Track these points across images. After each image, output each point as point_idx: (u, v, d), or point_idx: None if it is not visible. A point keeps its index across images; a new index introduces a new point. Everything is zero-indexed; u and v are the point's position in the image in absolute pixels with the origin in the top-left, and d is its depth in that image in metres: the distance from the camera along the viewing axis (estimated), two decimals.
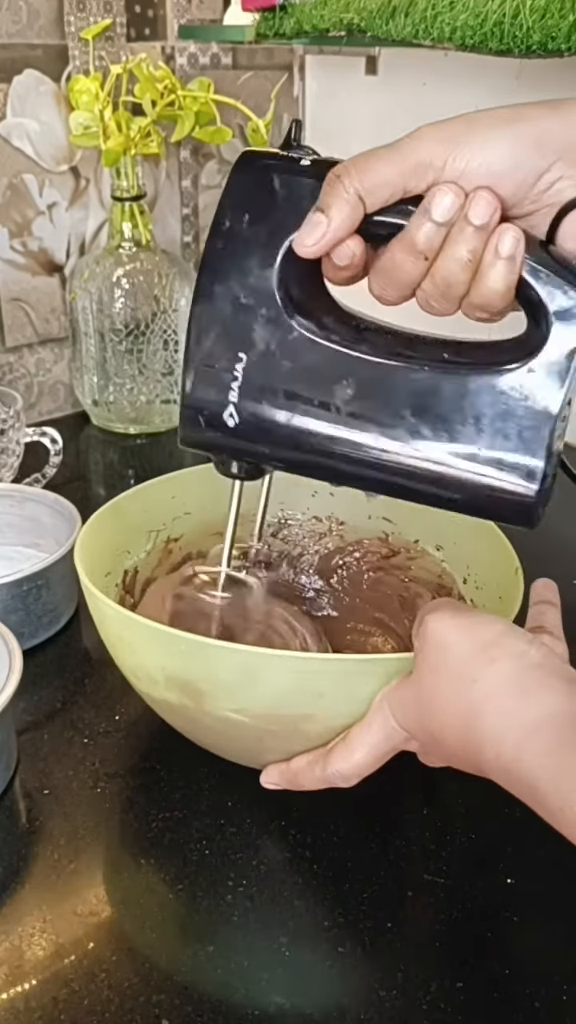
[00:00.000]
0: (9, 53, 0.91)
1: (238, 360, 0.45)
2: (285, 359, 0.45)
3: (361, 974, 0.44)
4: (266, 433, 0.46)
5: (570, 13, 0.63)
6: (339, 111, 1.13)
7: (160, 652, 0.48)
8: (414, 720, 0.44)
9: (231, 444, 0.47)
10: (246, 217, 0.45)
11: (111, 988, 0.43)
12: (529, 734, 0.38)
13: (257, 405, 0.45)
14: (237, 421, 0.46)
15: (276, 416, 0.45)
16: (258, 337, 0.45)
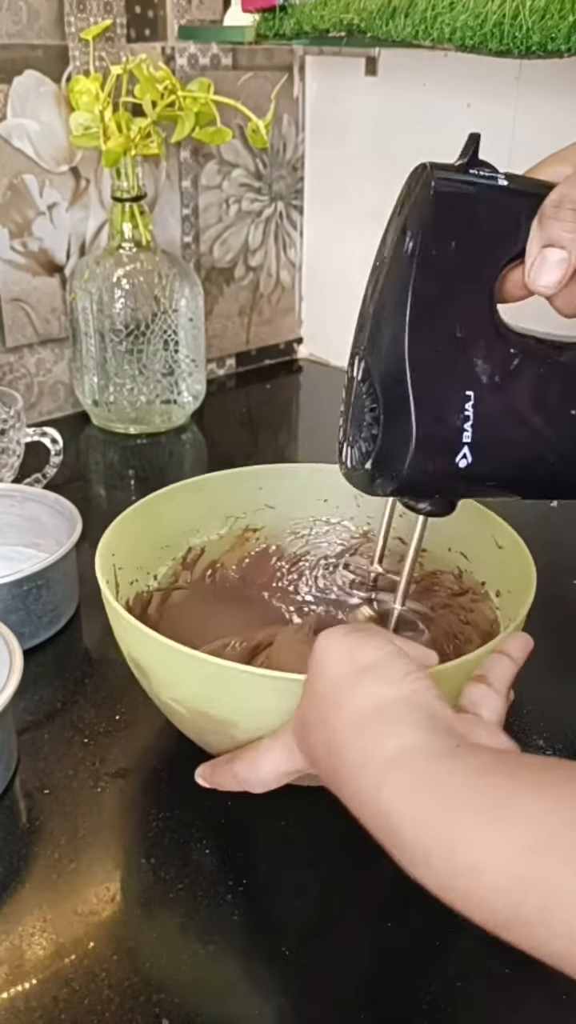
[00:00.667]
0: (9, 53, 0.91)
1: (467, 399, 0.43)
2: (513, 389, 0.43)
3: (361, 974, 0.44)
4: (499, 467, 0.44)
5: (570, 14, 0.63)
6: (339, 111, 1.13)
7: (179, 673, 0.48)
8: (302, 741, 0.43)
9: (455, 485, 0.45)
10: (453, 245, 0.42)
11: (111, 988, 0.43)
12: (387, 769, 0.35)
13: (491, 441, 0.43)
14: (470, 461, 0.43)
15: (512, 448, 0.44)
16: (482, 372, 0.43)
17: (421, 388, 0.43)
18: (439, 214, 0.42)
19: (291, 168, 1.18)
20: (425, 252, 0.42)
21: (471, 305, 0.43)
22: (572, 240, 0.40)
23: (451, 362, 0.43)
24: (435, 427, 0.43)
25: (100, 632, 0.70)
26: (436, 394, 0.43)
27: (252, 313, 1.22)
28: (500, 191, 0.42)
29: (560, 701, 0.61)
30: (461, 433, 0.43)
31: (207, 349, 1.09)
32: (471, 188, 0.42)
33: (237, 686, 0.46)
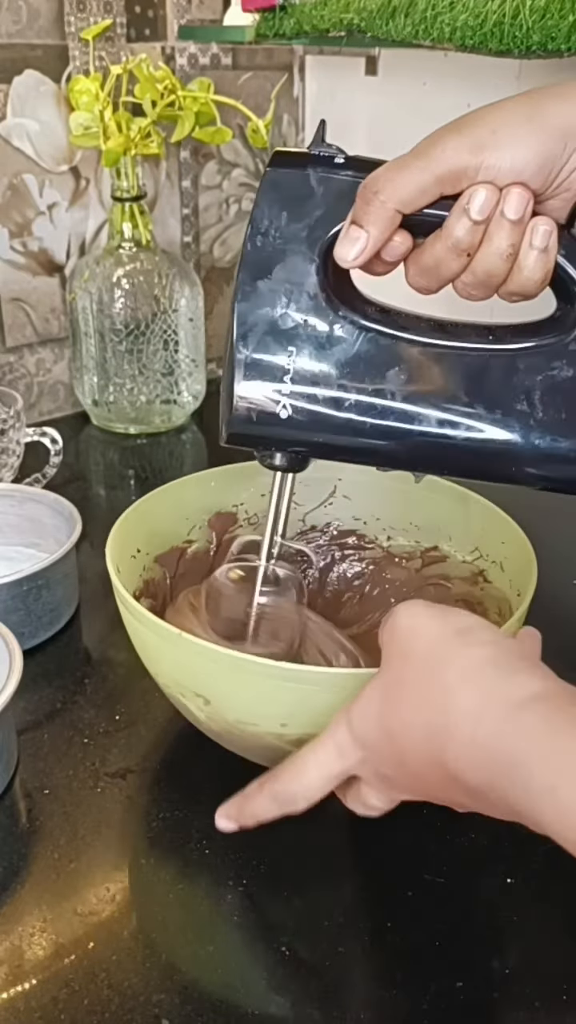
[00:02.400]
0: (9, 53, 0.91)
1: (287, 353, 0.47)
2: (336, 350, 0.47)
3: (361, 974, 0.44)
4: (320, 422, 0.47)
5: (570, 14, 0.63)
6: (339, 111, 1.13)
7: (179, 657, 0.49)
8: (374, 719, 0.41)
9: (282, 436, 0.49)
10: (284, 215, 0.46)
11: (111, 988, 0.43)
12: (516, 710, 0.36)
13: (310, 395, 0.47)
14: (290, 412, 0.47)
15: (330, 405, 0.47)
16: (306, 330, 0.47)
17: (244, 340, 0.47)
18: (271, 188, 0.47)
19: None
20: (258, 220, 0.47)
21: (300, 271, 0.46)
22: (370, 221, 0.43)
23: (276, 320, 0.47)
24: (257, 377, 0.47)
25: (100, 632, 0.70)
26: (257, 346, 0.47)
27: None
28: (332, 168, 0.46)
29: None
30: (280, 384, 0.47)
31: (207, 349, 1.08)
32: (304, 165, 0.46)
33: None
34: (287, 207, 0.46)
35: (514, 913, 0.47)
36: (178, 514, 0.64)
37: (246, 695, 0.48)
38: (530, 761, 0.34)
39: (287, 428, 0.48)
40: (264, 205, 0.47)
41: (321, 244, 0.46)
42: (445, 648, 0.39)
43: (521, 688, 0.36)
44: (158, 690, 0.61)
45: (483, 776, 0.36)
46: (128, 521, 0.58)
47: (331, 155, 0.47)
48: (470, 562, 0.62)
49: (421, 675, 0.39)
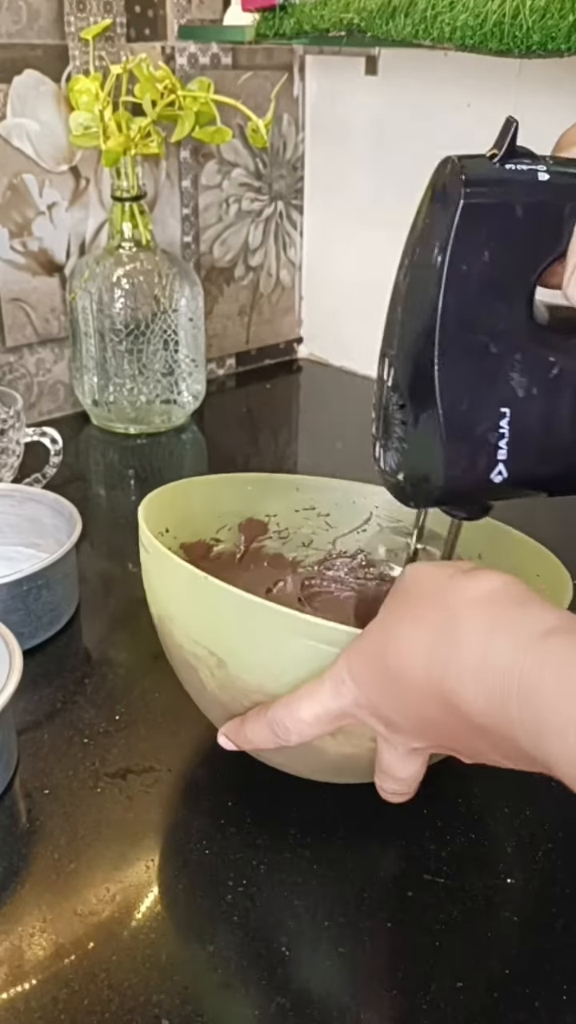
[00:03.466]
0: (9, 53, 0.91)
1: (501, 416, 0.40)
2: (549, 399, 0.41)
3: (361, 974, 0.44)
4: (536, 477, 0.43)
5: (570, 13, 0.63)
6: (339, 111, 1.13)
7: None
8: (372, 660, 0.40)
9: (489, 497, 0.44)
10: (486, 255, 0.39)
11: (111, 988, 0.43)
12: (532, 639, 0.34)
13: (526, 457, 0.41)
14: (505, 477, 0.42)
15: (550, 457, 0.42)
16: (518, 385, 0.40)
17: (451, 407, 0.40)
18: (469, 224, 0.38)
19: (291, 168, 1.18)
20: (454, 266, 0.39)
21: (506, 318, 0.40)
22: None
23: (483, 379, 0.40)
24: (468, 446, 0.41)
25: (100, 632, 0.70)
26: (467, 413, 0.40)
27: (252, 313, 1.22)
28: (540, 187, 0.38)
29: None
30: (496, 451, 0.41)
31: (207, 349, 1.08)
32: (506, 190, 0.38)
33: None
34: (489, 244, 0.38)
35: (514, 913, 0.47)
36: (211, 509, 0.63)
37: (263, 652, 0.46)
38: (541, 693, 0.33)
39: (498, 489, 0.42)
40: (462, 242, 0.38)
41: (529, 280, 0.39)
42: (451, 582, 0.38)
43: (537, 620, 0.35)
44: (158, 690, 0.61)
45: (489, 704, 0.34)
46: (162, 496, 0.57)
47: (532, 168, 0.38)
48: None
49: (424, 606, 0.38)
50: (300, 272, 1.25)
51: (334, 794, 0.52)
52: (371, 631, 0.41)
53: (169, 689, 0.54)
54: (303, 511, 0.66)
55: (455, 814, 0.52)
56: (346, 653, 0.42)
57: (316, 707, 0.42)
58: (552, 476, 0.43)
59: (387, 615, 0.41)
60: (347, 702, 0.41)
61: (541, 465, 0.42)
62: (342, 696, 0.42)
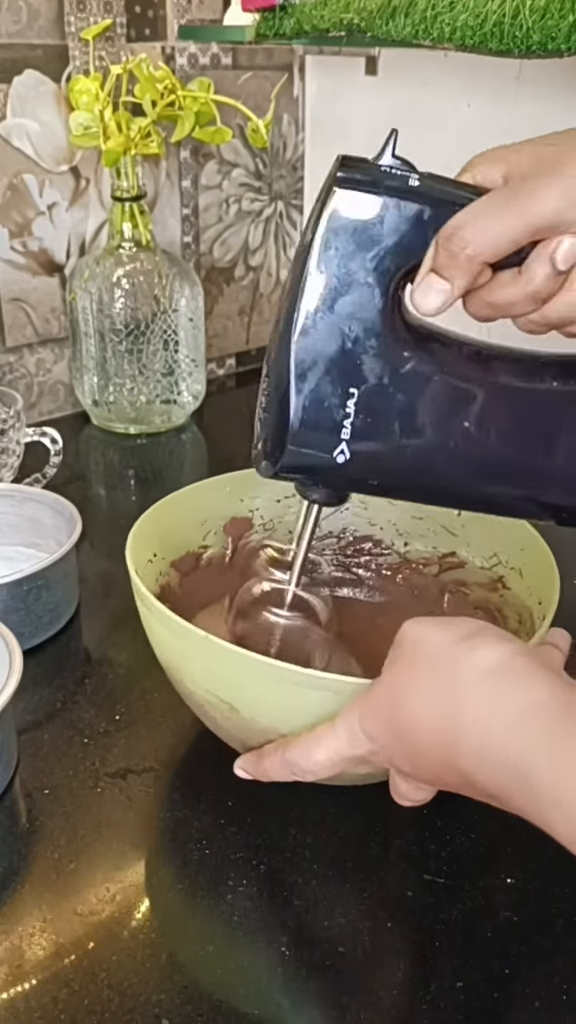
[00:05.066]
0: (9, 53, 0.91)
1: (349, 396, 0.43)
2: (400, 393, 0.43)
3: (361, 974, 0.44)
4: (377, 467, 0.44)
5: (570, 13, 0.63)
6: (339, 111, 1.13)
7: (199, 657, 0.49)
8: (383, 722, 0.42)
9: (334, 477, 0.45)
10: (351, 243, 0.42)
11: (111, 988, 0.43)
12: (523, 718, 0.36)
13: (370, 441, 0.44)
14: (348, 457, 0.44)
15: (390, 451, 0.44)
16: (369, 371, 0.43)
17: (303, 381, 0.43)
18: (337, 209, 0.42)
19: (291, 168, 1.18)
20: (320, 248, 0.42)
21: (365, 305, 0.42)
22: (455, 275, 0.40)
23: (337, 359, 0.43)
24: (314, 420, 0.43)
25: (100, 632, 0.70)
26: (318, 387, 0.43)
27: (252, 313, 1.22)
28: (407, 192, 0.41)
29: None
30: (339, 429, 0.43)
31: (207, 349, 1.08)
32: (374, 185, 0.41)
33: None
34: (355, 234, 0.42)
35: (514, 913, 0.47)
36: (194, 519, 0.63)
37: (272, 702, 0.47)
38: (536, 772, 0.34)
39: (341, 470, 0.44)
40: (330, 231, 0.42)
41: (389, 277, 0.42)
42: (451, 655, 0.39)
43: (526, 696, 0.36)
44: (158, 690, 0.61)
45: (495, 782, 0.36)
46: (145, 525, 0.58)
47: (405, 174, 0.42)
48: (488, 568, 0.62)
49: (428, 682, 0.40)
50: None
51: (334, 794, 0.52)
52: (380, 691, 0.42)
53: (169, 689, 0.54)
54: (285, 500, 0.67)
55: (455, 814, 0.52)
56: (358, 709, 0.43)
57: (332, 753, 0.44)
58: (398, 471, 0.45)
59: (393, 677, 0.42)
60: (363, 752, 0.43)
61: (385, 457, 0.44)
62: (357, 746, 0.43)
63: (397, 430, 0.44)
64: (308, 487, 0.49)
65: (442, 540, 0.65)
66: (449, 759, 0.39)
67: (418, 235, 0.41)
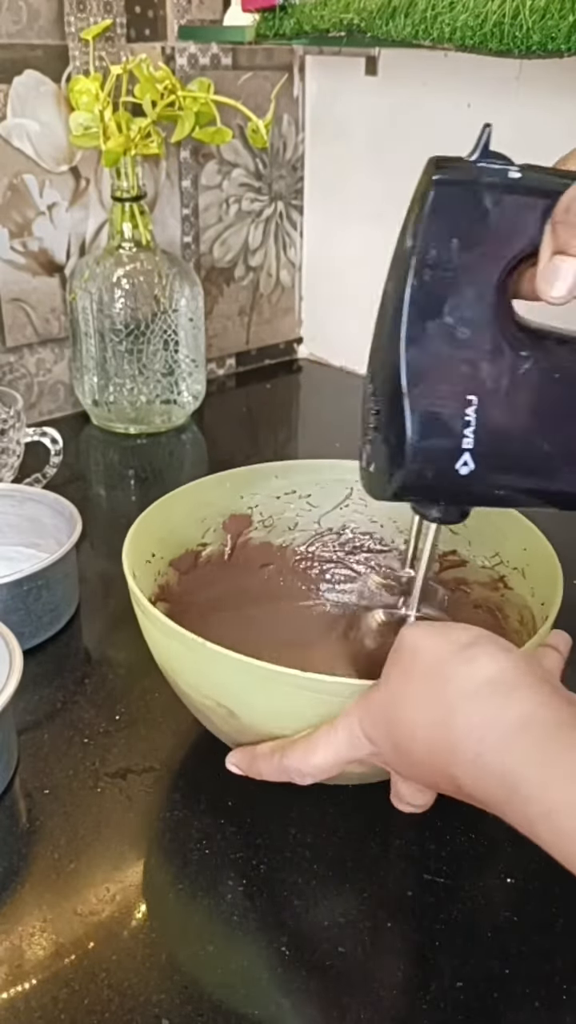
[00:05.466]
0: (9, 53, 0.91)
1: (468, 403, 0.41)
2: (520, 394, 0.41)
3: (361, 974, 0.44)
4: (504, 476, 0.43)
5: (570, 14, 0.63)
6: (339, 111, 1.13)
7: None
8: (381, 727, 0.42)
9: (458, 492, 0.43)
10: (455, 243, 0.40)
11: (111, 988, 0.43)
12: (515, 731, 0.36)
13: (495, 449, 0.42)
14: (472, 468, 0.42)
15: (516, 458, 0.42)
16: (487, 375, 0.41)
17: (417, 392, 0.41)
18: (438, 210, 0.40)
19: (291, 168, 1.18)
20: (423, 251, 0.40)
21: (475, 306, 0.41)
22: None
23: (451, 365, 0.41)
24: (433, 432, 0.41)
25: (100, 632, 0.70)
26: (434, 398, 0.41)
27: (252, 313, 1.22)
28: (510, 186, 0.40)
29: None
30: (461, 439, 0.41)
31: (207, 349, 1.08)
32: (475, 183, 0.40)
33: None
34: (458, 233, 0.40)
35: (514, 913, 0.47)
36: (193, 516, 0.63)
37: (270, 705, 0.47)
38: (526, 784, 0.35)
39: (465, 484, 0.42)
40: (432, 231, 0.40)
41: (498, 275, 0.40)
42: (446, 665, 0.40)
43: (520, 708, 0.37)
44: (158, 690, 0.61)
45: (486, 792, 0.37)
46: (143, 525, 0.58)
47: (504, 168, 0.40)
48: (490, 567, 0.62)
49: (424, 691, 0.40)
50: (300, 272, 1.25)
51: (334, 794, 0.52)
52: (377, 696, 0.42)
53: (169, 689, 0.54)
54: (284, 496, 0.67)
55: (455, 814, 0.52)
56: (357, 711, 0.43)
57: (331, 755, 0.44)
58: (523, 476, 0.43)
59: (390, 683, 0.42)
60: (363, 754, 0.44)
61: (510, 463, 0.42)
62: (358, 749, 0.43)
63: (521, 436, 0.42)
64: (427, 505, 0.46)
65: (443, 538, 0.65)
66: (443, 767, 0.39)
67: (525, 228, 0.40)
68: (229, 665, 0.46)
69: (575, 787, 0.33)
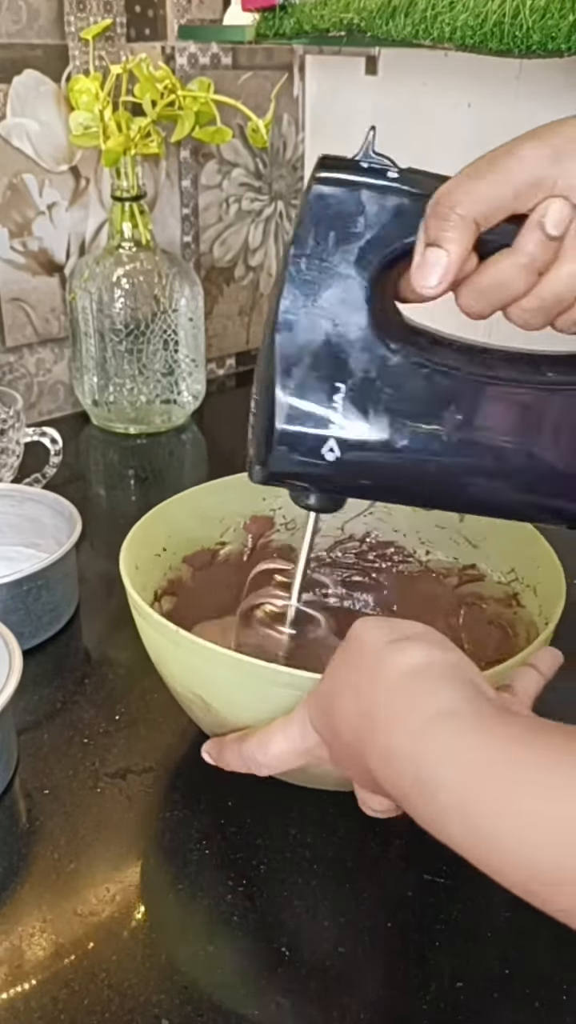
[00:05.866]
0: (9, 53, 0.91)
1: (336, 391, 0.43)
2: (387, 387, 0.43)
3: (361, 974, 0.44)
4: (368, 467, 0.44)
5: (570, 13, 0.63)
6: (339, 111, 1.13)
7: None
8: (324, 717, 0.42)
9: (326, 478, 0.44)
10: (332, 235, 0.42)
11: (111, 988, 0.43)
12: (432, 722, 0.35)
13: (360, 437, 0.43)
14: (338, 455, 0.43)
15: (380, 448, 0.43)
16: (355, 364, 0.43)
17: (288, 376, 0.43)
18: (317, 205, 0.42)
19: (291, 168, 1.18)
20: (301, 243, 0.42)
21: (348, 299, 0.42)
22: (450, 239, 0.39)
23: (322, 354, 0.43)
24: (300, 417, 0.43)
25: (100, 632, 0.70)
26: (303, 383, 0.43)
27: (252, 313, 1.22)
28: (387, 185, 0.42)
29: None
30: (327, 424, 0.43)
31: (207, 349, 1.08)
32: (354, 182, 0.42)
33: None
34: (335, 226, 0.42)
35: (514, 913, 0.47)
36: (211, 515, 0.64)
37: (245, 699, 0.48)
38: (436, 779, 0.34)
39: (332, 470, 0.44)
40: (309, 223, 0.42)
41: (372, 269, 0.42)
42: (380, 654, 0.39)
43: (437, 702, 0.36)
44: (158, 690, 0.61)
45: (396, 784, 0.36)
46: (154, 518, 0.58)
47: (383, 167, 0.42)
48: (505, 583, 0.61)
49: (356, 679, 0.40)
50: None
51: (334, 794, 0.52)
52: (323, 686, 0.43)
53: (169, 689, 0.54)
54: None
55: None
56: (308, 702, 0.44)
57: (286, 745, 0.44)
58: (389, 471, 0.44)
59: (333, 673, 0.42)
60: (312, 744, 0.44)
61: (375, 456, 0.43)
62: (308, 739, 0.44)
63: (387, 425, 0.43)
64: (301, 492, 0.48)
65: (463, 551, 0.64)
66: (362, 757, 0.39)
67: (399, 226, 0.41)
68: (205, 654, 0.47)
69: (489, 781, 0.32)
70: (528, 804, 0.31)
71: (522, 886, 0.32)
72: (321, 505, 0.48)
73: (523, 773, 0.32)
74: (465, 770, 0.33)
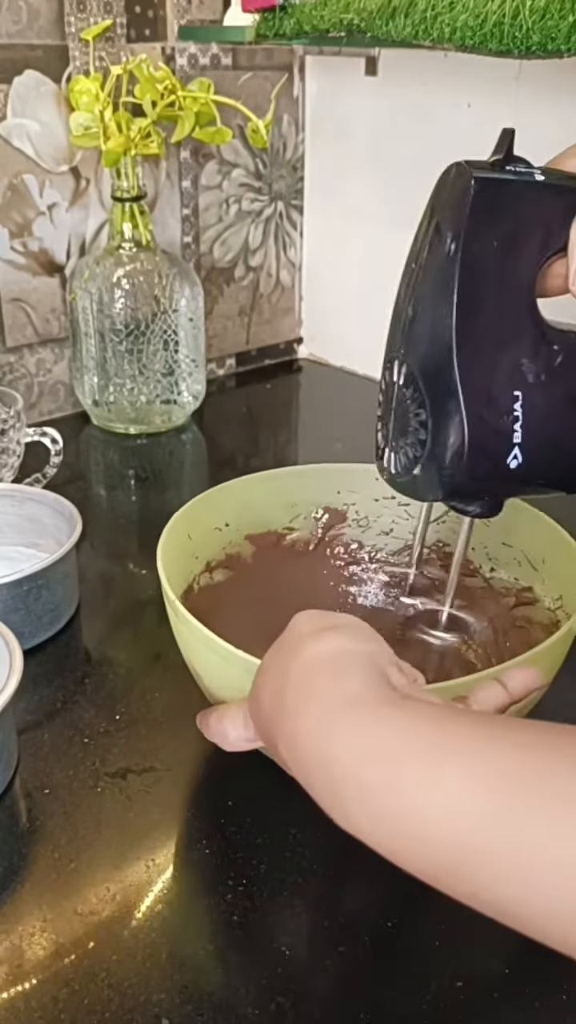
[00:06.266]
0: (9, 54, 0.91)
1: (515, 400, 0.43)
2: (557, 387, 0.43)
3: (361, 974, 0.44)
4: (547, 466, 0.44)
5: (570, 14, 0.63)
6: (339, 111, 1.13)
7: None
8: (252, 699, 0.43)
9: (505, 486, 0.45)
10: (495, 244, 0.42)
11: (111, 988, 0.43)
12: (335, 707, 0.36)
13: (540, 439, 0.43)
14: (520, 461, 0.43)
15: (561, 445, 0.44)
16: (528, 370, 0.43)
17: (471, 391, 0.42)
18: (479, 213, 0.42)
19: (291, 168, 1.18)
20: (467, 253, 0.42)
21: (514, 304, 0.42)
22: None
23: (498, 363, 0.43)
24: (485, 429, 0.43)
25: (100, 632, 0.70)
26: (485, 396, 0.42)
27: (252, 313, 1.22)
28: (538, 187, 0.42)
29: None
30: (511, 434, 0.43)
31: (207, 349, 1.08)
32: (509, 186, 0.42)
33: None
34: (497, 234, 0.42)
35: None
36: (281, 499, 0.65)
37: (232, 684, 0.48)
38: (340, 764, 0.34)
39: (514, 476, 0.44)
40: (474, 237, 0.42)
41: (533, 275, 0.42)
42: (300, 642, 0.40)
43: (344, 687, 0.36)
44: (158, 690, 0.61)
45: (302, 769, 0.37)
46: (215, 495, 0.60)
47: (531, 172, 0.42)
48: (552, 610, 0.60)
49: (276, 666, 0.40)
50: (300, 272, 1.25)
51: None
52: (257, 671, 0.43)
53: (169, 689, 0.54)
54: (383, 500, 0.67)
55: None
56: (249, 693, 0.44)
57: (236, 731, 0.45)
58: (565, 463, 0.44)
59: (266, 659, 0.43)
60: (252, 732, 0.44)
61: (553, 451, 0.44)
62: (248, 728, 0.44)
63: (562, 425, 0.43)
64: (469, 501, 0.47)
65: (524, 572, 0.63)
66: (274, 739, 0.39)
67: (553, 225, 0.41)
68: (196, 635, 0.48)
69: (388, 765, 0.33)
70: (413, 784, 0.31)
71: (419, 870, 0.32)
72: (486, 511, 0.48)
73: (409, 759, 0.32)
74: (363, 754, 0.34)
